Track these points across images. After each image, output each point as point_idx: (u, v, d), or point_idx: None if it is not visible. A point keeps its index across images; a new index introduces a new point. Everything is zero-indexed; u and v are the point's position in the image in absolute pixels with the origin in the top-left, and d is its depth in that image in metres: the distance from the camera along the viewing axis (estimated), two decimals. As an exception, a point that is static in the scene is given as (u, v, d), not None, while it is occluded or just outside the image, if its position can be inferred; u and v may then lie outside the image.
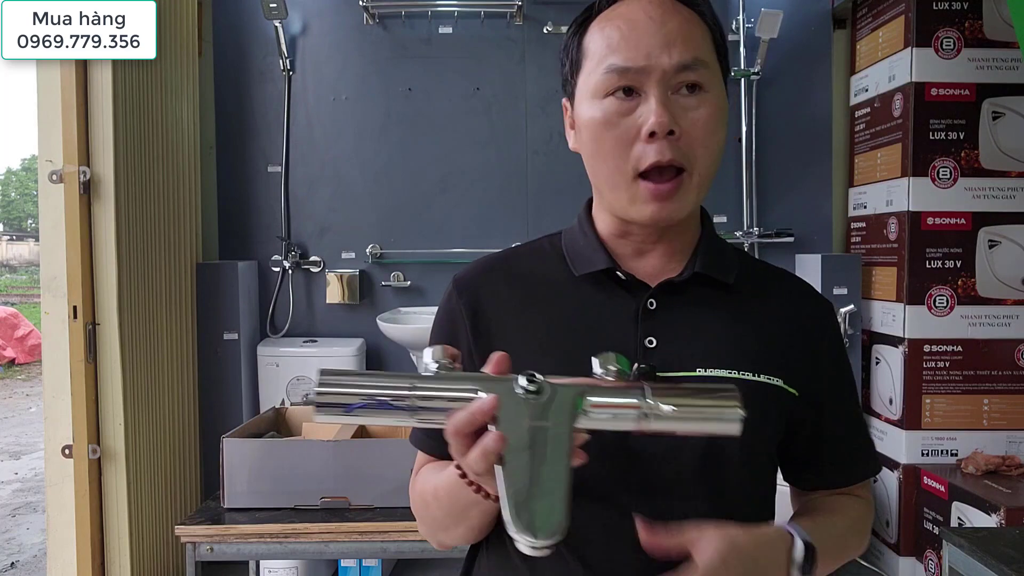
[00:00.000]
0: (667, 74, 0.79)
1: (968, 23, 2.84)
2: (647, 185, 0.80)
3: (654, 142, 0.79)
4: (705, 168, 0.81)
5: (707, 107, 0.80)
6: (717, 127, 0.81)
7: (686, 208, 0.82)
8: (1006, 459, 2.75)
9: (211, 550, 2.09)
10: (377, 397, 0.66)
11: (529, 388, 0.66)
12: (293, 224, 3.33)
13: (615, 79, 0.80)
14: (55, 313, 2.37)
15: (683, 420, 0.67)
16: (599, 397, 0.68)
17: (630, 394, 0.68)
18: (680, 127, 0.79)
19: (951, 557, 1.85)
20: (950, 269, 2.86)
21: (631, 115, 0.80)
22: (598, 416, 0.67)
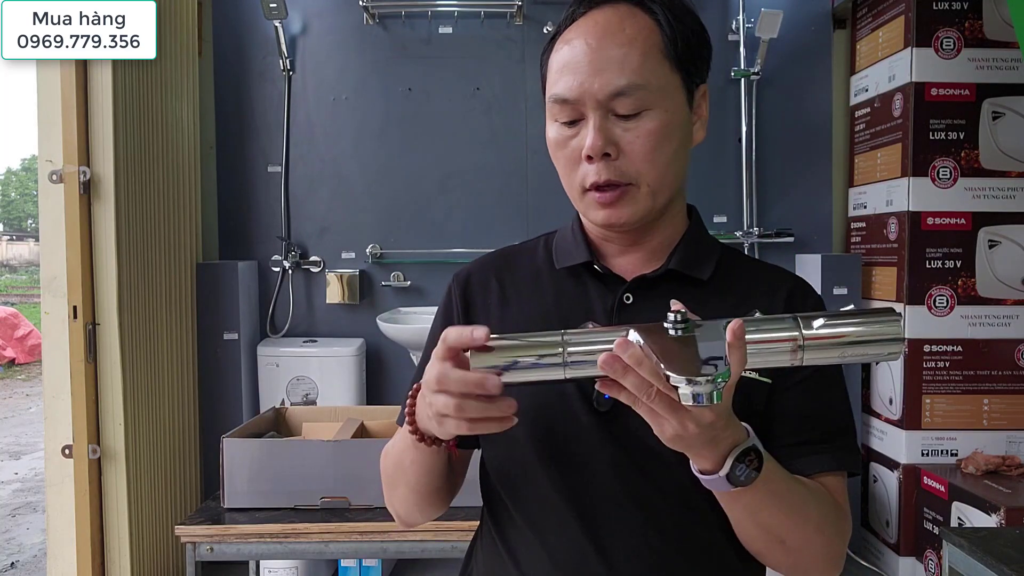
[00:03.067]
0: (600, 101, 0.82)
1: (968, 23, 2.84)
2: (593, 195, 0.86)
3: (593, 163, 0.84)
4: (655, 180, 0.85)
5: (648, 125, 0.83)
6: (662, 142, 0.84)
7: (638, 213, 0.86)
8: (1006, 459, 2.75)
9: (211, 550, 2.09)
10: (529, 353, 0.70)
11: (678, 321, 0.67)
12: (293, 224, 3.33)
13: (558, 108, 0.86)
14: (55, 313, 2.37)
15: (841, 346, 0.67)
16: (753, 328, 0.68)
17: (782, 324, 0.69)
18: (619, 148, 0.83)
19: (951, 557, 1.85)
20: (950, 269, 2.86)
21: (576, 137, 0.85)
22: (753, 350, 0.68)
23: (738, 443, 0.72)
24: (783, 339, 0.68)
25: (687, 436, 0.67)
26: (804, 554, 0.82)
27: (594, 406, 0.87)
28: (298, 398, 3.08)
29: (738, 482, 0.72)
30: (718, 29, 3.32)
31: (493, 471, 0.96)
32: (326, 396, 3.10)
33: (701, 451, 0.71)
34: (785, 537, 0.81)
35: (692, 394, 0.62)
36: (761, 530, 0.80)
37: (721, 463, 0.72)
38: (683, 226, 0.95)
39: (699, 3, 3.28)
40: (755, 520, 0.79)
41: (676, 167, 0.87)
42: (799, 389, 0.88)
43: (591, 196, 0.86)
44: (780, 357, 0.69)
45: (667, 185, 0.87)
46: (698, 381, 0.62)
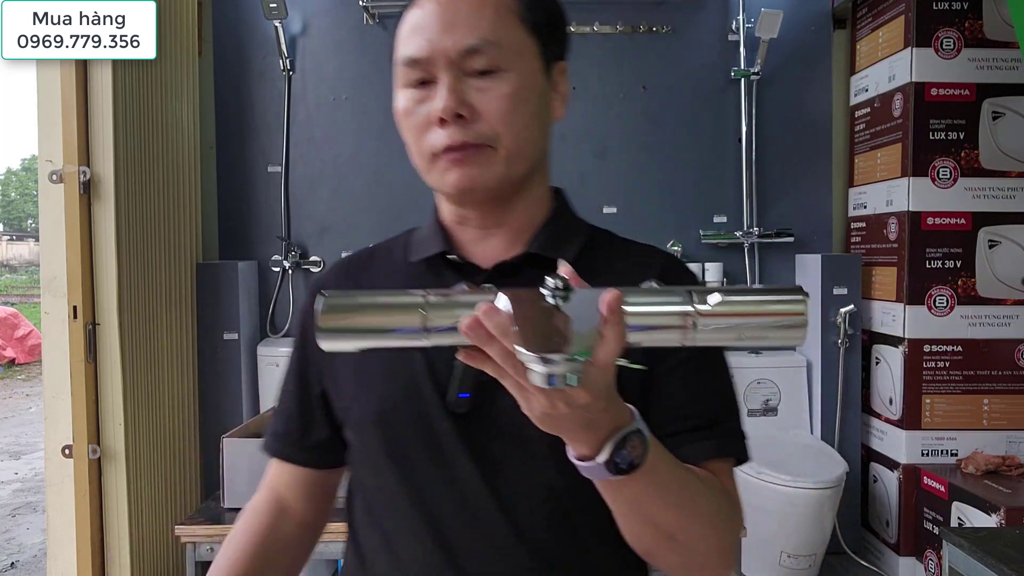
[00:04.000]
0: (452, 60, 0.78)
1: (968, 23, 2.84)
2: (446, 155, 0.80)
3: (445, 127, 0.79)
4: (513, 143, 0.80)
5: (503, 86, 0.79)
6: (518, 104, 0.80)
7: (494, 177, 0.81)
8: (1006, 459, 2.75)
9: (211, 550, 2.09)
10: (384, 306, 0.62)
11: (559, 288, 0.59)
12: (293, 224, 3.33)
13: (408, 71, 0.81)
14: (55, 313, 2.37)
15: (738, 327, 0.59)
16: (636, 301, 0.60)
17: (673, 298, 0.60)
18: (474, 109, 0.78)
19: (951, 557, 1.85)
20: (950, 269, 2.86)
21: (426, 102, 0.80)
22: (634, 326, 0.59)
23: (620, 427, 0.64)
24: (672, 314, 0.59)
25: (556, 416, 0.60)
26: (696, 550, 0.75)
27: (449, 409, 0.81)
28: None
29: (618, 470, 0.64)
30: (718, 29, 3.32)
31: (352, 481, 0.92)
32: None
33: (576, 434, 0.63)
34: (675, 532, 0.73)
35: (545, 375, 0.54)
36: (648, 526, 0.72)
37: (599, 448, 0.64)
38: (546, 209, 0.90)
39: (699, 3, 3.31)
40: (641, 514, 0.72)
41: (533, 134, 0.83)
42: (679, 373, 0.82)
43: (443, 159, 0.80)
44: (668, 335, 0.60)
45: (524, 152, 0.82)
46: (552, 360, 0.54)
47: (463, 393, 0.79)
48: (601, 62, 3.31)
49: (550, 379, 0.55)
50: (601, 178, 3.31)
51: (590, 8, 3.28)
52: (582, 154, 3.31)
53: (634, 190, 3.30)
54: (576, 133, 3.31)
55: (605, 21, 3.29)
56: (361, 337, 0.62)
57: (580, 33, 3.28)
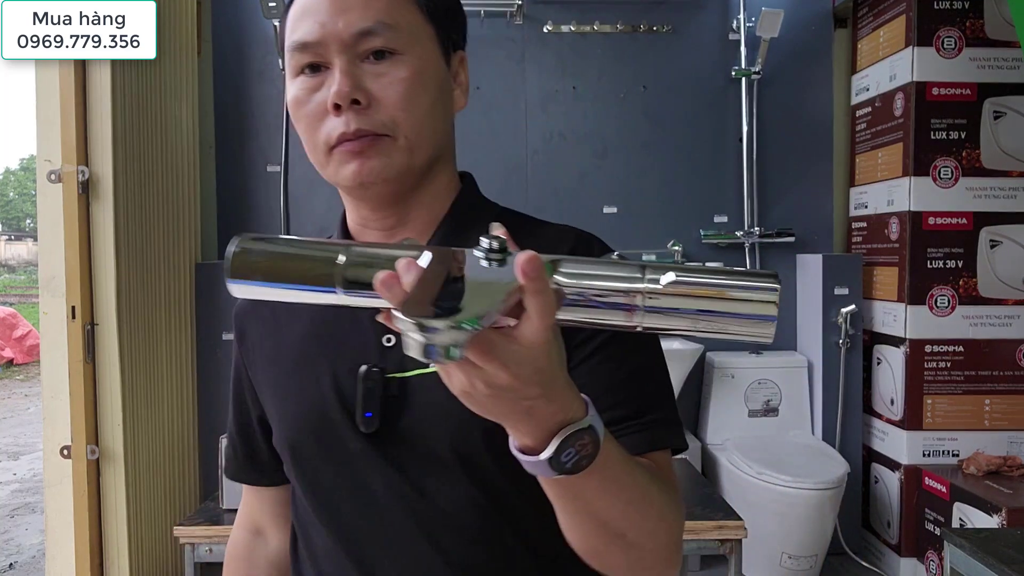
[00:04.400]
0: (346, 43, 0.74)
1: (969, 22, 2.83)
2: (342, 146, 0.75)
3: (341, 114, 0.74)
4: (413, 131, 0.76)
5: (400, 71, 0.74)
6: (418, 90, 0.75)
7: (393, 167, 0.76)
8: (1007, 459, 2.74)
9: (210, 551, 2.08)
10: (300, 255, 0.56)
11: (493, 250, 0.51)
12: (292, 224, 3.32)
13: (299, 56, 0.76)
14: (53, 313, 2.36)
15: (696, 312, 0.50)
16: (574, 271, 0.52)
17: (623, 271, 0.52)
18: (371, 95, 0.74)
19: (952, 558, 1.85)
20: (951, 269, 2.86)
21: (320, 90, 0.75)
22: (571, 300, 0.52)
23: (569, 420, 0.56)
24: (616, 291, 0.51)
25: (477, 397, 0.53)
26: (646, 548, 0.69)
27: (359, 428, 0.76)
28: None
29: (563, 469, 0.57)
30: (719, 28, 3.31)
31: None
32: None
33: (513, 422, 0.56)
34: (625, 530, 0.66)
35: (421, 344, 0.46)
36: (596, 524, 0.65)
37: (543, 442, 0.56)
38: (448, 202, 0.84)
39: (700, 2, 3.31)
40: (588, 512, 0.64)
41: (435, 122, 0.78)
42: (597, 359, 0.74)
43: (339, 150, 0.75)
44: (611, 316, 0.52)
45: (425, 141, 0.77)
46: (431, 327, 0.45)
47: (368, 412, 0.76)
48: (601, 62, 3.30)
49: (428, 350, 0.46)
50: (601, 178, 3.30)
51: (590, 7, 3.28)
52: (582, 154, 3.31)
53: (634, 190, 3.29)
54: (576, 133, 3.31)
55: (605, 20, 3.29)
56: (270, 285, 0.56)
57: (580, 32, 3.27)
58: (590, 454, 0.58)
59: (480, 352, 0.50)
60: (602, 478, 0.61)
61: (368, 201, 0.81)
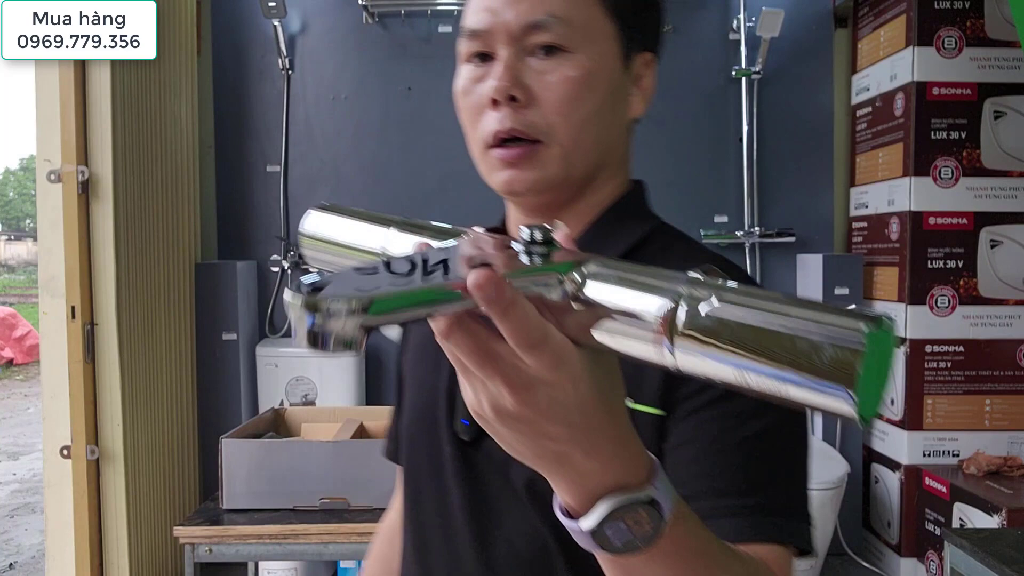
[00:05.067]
0: (514, 34, 0.69)
1: (970, 22, 2.83)
2: (496, 151, 0.71)
3: (498, 109, 0.70)
4: (569, 139, 0.70)
5: (567, 69, 0.69)
6: (582, 93, 0.70)
7: (546, 179, 0.71)
8: (1008, 460, 2.74)
9: (210, 551, 2.08)
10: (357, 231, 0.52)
11: (534, 242, 0.42)
12: (292, 224, 3.31)
13: (468, 43, 0.73)
14: (53, 313, 2.36)
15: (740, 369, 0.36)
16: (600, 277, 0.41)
17: (659, 284, 0.39)
18: (531, 92, 0.69)
19: (953, 558, 1.85)
20: (952, 269, 2.85)
21: (484, 81, 0.71)
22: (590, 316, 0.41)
23: (622, 486, 0.44)
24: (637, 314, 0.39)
25: (485, 417, 0.43)
26: None
27: (456, 434, 0.72)
28: (297, 399, 3.07)
29: (609, 547, 0.45)
30: (719, 28, 3.31)
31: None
32: (325, 397, 3.09)
33: (543, 467, 0.45)
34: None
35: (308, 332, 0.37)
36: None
37: (586, 505, 0.45)
38: (602, 209, 0.79)
39: (700, 2, 3.30)
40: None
41: (598, 130, 0.72)
42: (708, 413, 0.62)
43: (493, 154, 0.72)
44: (639, 348, 0.39)
45: (585, 150, 0.72)
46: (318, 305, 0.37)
47: (465, 419, 0.71)
48: (601, 61, 3.30)
49: (311, 333, 0.37)
50: (601, 178, 3.30)
51: (590, 7, 3.27)
52: (582, 154, 3.30)
53: (634, 190, 3.28)
54: (576, 133, 3.30)
55: (605, 20, 3.28)
56: (330, 250, 0.53)
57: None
58: (648, 535, 0.45)
59: (472, 355, 0.41)
60: (666, 565, 0.48)
61: (521, 206, 0.78)
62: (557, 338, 0.40)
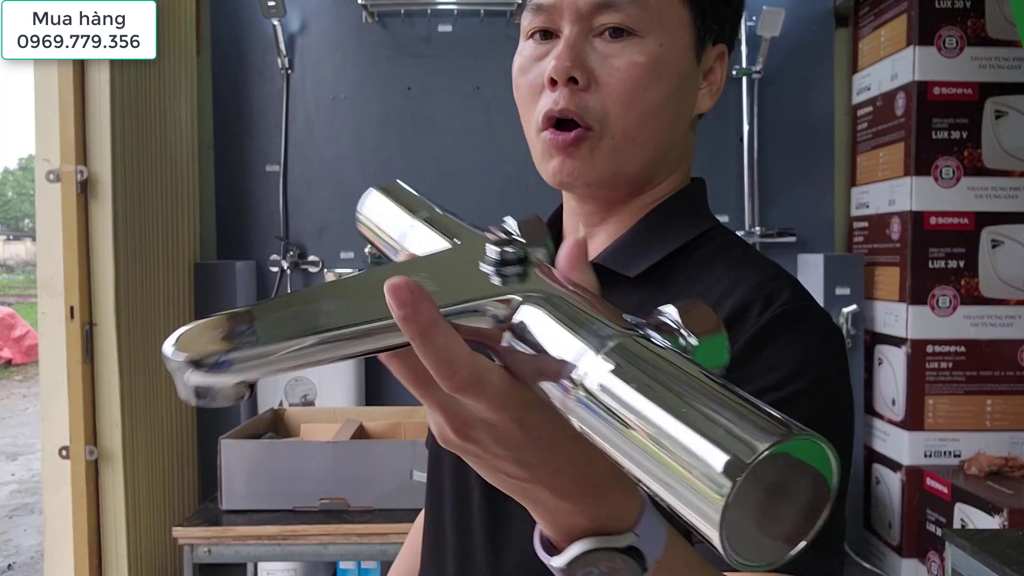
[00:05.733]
0: (581, 12, 0.65)
1: (971, 22, 2.83)
2: (546, 134, 0.68)
3: (555, 90, 0.66)
4: (624, 130, 0.66)
5: (633, 54, 0.65)
6: (646, 81, 0.66)
7: (595, 171, 0.68)
8: (1009, 460, 2.73)
9: (209, 552, 2.08)
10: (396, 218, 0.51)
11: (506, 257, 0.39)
12: (292, 224, 3.31)
13: (532, 17, 0.69)
14: (52, 313, 2.35)
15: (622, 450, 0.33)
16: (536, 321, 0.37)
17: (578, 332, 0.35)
18: (594, 75, 0.66)
19: (954, 559, 1.85)
20: (953, 269, 2.85)
21: (544, 59, 0.68)
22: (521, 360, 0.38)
23: (600, 530, 0.41)
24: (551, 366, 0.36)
25: (444, 436, 0.40)
26: None
27: None
28: (296, 399, 3.06)
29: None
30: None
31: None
32: (325, 397, 3.08)
33: (512, 494, 0.42)
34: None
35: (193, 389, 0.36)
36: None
37: (561, 540, 0.42)
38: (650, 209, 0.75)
39: (700, 2, 3.30)
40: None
41: (658, 124, 0.68)
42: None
43: (545, 136, 0.68)
44: (548, 385, 0.36)
45: (640, 144, 0.68)
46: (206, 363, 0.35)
47: None
48: (602, 61, 3.29)
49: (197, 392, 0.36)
50: (602, 178, 3.29)
51: (591, 7, 3.27)
52: (582, 153, 3.30)
53: (635, 190, 3.28)
54: (576, 132, 3.30)
55: (606, 20, 3.28)
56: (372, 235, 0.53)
57: (580, 32, 3.26)
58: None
59: (410, 385, 0.38)
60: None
61: (574, 196, 0.75)
62: (494, 379, 0.36)
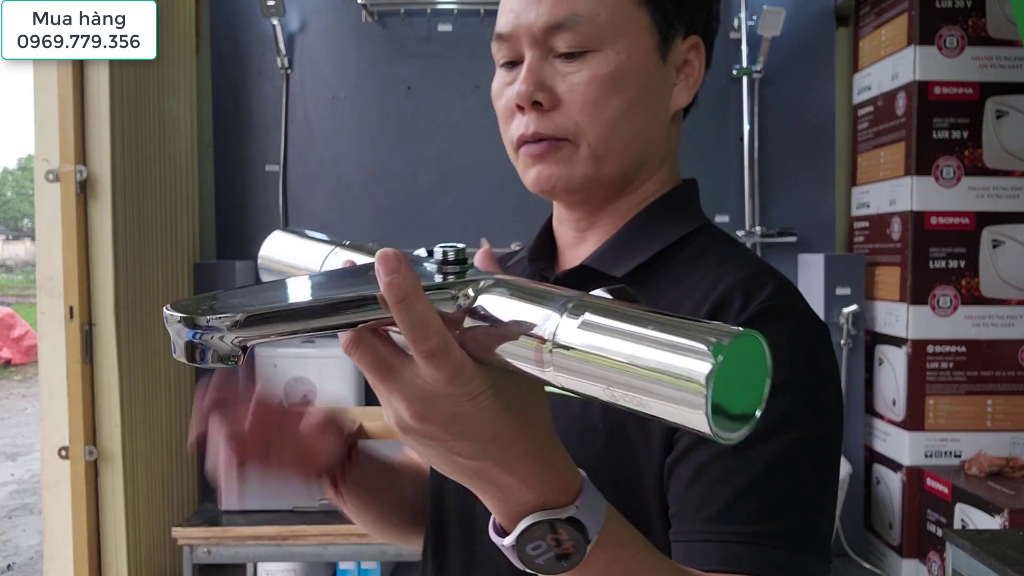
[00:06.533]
0: (536, 37, 0.68)
1: (971, 21, 2.82)
2: (523, 148, 0.72)
3: (524, 114, 0.70)
4: (598, 139, 0.69)
5: (592, 68, 0.67)
6: (609, 92, 0.68)
7: (575, 177, 0.70)
8: (1009, 460, 2.73)
9: (208, 552, 2.08)
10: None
11: (446, 259, 0.45)
12: (291, 223, 3.30)
13: (497, 47, 0.73)
14: (51, 313, 2.35)
15: (608, 382, 0.37)
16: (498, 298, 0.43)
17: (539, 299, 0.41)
18: (556, 95, 0.68)
19: (954, 559, 1.85)
20: (953, 269, 2.85)
21: (512, 85, 0.71)
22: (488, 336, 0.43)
23: (544, 504, 0.44)
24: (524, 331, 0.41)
25: (404, 430, 0.45)
26: None
27: None
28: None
29: (533, 566, 0.45)
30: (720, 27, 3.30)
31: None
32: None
33: (467, 483, 0.46)
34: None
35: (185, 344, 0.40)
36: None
37: (510, 521, 0.46)
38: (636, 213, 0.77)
39: (700, 1, 3.29)
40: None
41: (631, 128, 0.70)
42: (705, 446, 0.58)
43: (523, 152, 0.72)
44: (525, 364, 0.41)
45: (617, 149, 0.70)
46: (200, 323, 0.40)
47: None
48: (602, 61, 3.29)
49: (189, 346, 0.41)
50: (602, 177, 3.29)
51: (591, 6, 3.26)
52: (583, 153, 3.30)
53: (635, 189, 3.28)
54: (577, 132, 3.30)
55: (606, 19, 3.28)
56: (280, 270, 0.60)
57: (581, 31, 3.26)
58: (570, 554, 0.44)
59: (372, 370, 0.43)
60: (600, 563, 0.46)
61: (560, 204, 0.79)
62: (456, 352, 0.41)
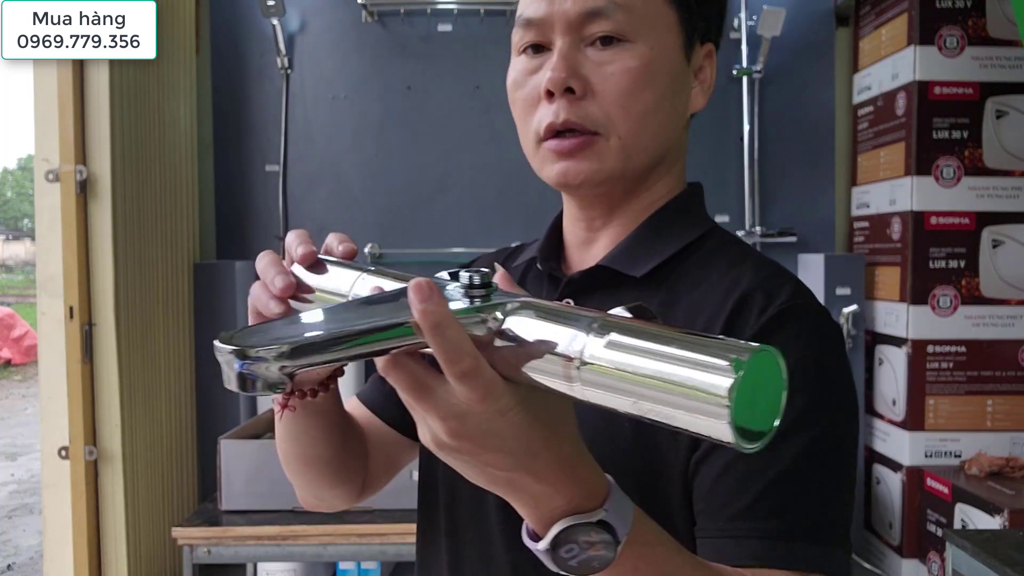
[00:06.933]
0: (571, 23, 0.67)
1: (971, 21, 2.82)
2: (550, 143, 0.70)
3: (553, 102, 0.68)
4: (628, 132, 0.68)
5: (627, 59, 0.67)
6: (642, 84, 0.68)
7: (603, 171, 0.69)
8: (1010, 460, 2.73)
9: (208, 552, 2.08)
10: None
11: (473, 283, 0.47)
12: (291, 223, 3.30)
13: (522, 33, 0.72)
14: (51, 313, 2.35)
15: (636, 397, 0.40)
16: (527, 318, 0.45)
17: (568, 323, 0.43)
18: (589, 84, 0.67)
19: (954, 559, 1.85)
20: (954, 269, 2.85)
21: (538, 72, 0.70)
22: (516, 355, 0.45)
23: (575, 509, 0.47)
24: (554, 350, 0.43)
25: (439, 448, 0.47)
26: None
27: None
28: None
29: (567, 568, 0.47)
30: (719, 28, 3.30)
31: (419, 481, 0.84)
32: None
33: (501, 493, 0.48)
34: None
35: (236, 375, 0.44)
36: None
37: (543, 527, 0.48)
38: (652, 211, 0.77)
39: (700, 1, 3.29)
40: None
41: (658, 123, 0.70)
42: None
43: (546, 147, 0.70)
44: (553, 382, 0.44)
45: (644, 143, 0.70)
46: (250, 355, 0.44)
47: None
48: (602, 61, 3.29)
49: (247, 380, 0.45)
50: (602, 177, 3.29)
51: (591, 6, 3.26)
52: (583, 153, 3.29)
53: (635, 189, 3.28)
54: (577, 132, 3.30)
55: (606, 19, 3.27)
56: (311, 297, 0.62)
57: (581, 31, 3.26)
58: (603, 556, 0.47)
59: (408, 390, 0.45)
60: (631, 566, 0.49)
61: (576, 200, 0.76)
62: (487, 372, 0.44)
